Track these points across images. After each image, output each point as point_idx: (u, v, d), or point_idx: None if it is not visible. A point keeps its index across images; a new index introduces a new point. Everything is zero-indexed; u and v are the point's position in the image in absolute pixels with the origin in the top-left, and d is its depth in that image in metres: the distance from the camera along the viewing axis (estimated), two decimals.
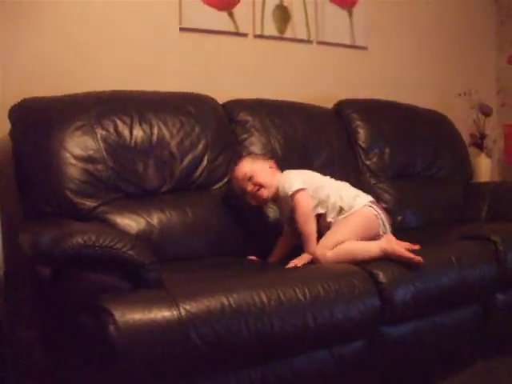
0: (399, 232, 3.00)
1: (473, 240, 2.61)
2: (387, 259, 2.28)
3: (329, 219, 2.46)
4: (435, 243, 2.62)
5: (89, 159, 2.40)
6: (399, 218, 3.14)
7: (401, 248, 2.29)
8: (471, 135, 4.01)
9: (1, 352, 2.31)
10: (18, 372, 2.36)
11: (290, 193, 2.47)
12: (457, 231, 2.86)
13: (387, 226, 2.49)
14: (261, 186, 2.54)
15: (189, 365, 1.74)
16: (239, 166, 2.61)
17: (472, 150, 3.92)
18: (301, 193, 2.47)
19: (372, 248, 2.32)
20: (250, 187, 2.54)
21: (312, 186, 2.51)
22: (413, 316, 2.27)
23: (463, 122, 3.85)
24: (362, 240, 2.38)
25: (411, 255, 2.26)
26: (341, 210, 2.44)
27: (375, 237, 2.42)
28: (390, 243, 2.30)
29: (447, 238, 2.75)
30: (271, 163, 2.65)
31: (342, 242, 2.34)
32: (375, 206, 2.49)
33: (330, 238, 2.38)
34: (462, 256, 2.44)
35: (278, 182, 2.55)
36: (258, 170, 2.57)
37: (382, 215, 2.48)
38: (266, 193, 2.55)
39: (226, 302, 1.81)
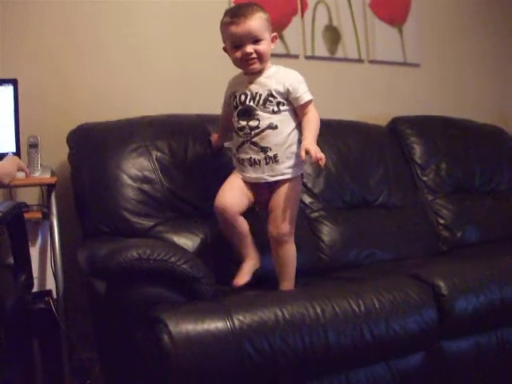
0: (460, 248, 3.00)
1: None
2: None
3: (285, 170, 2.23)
4: (498, 256, 2.55)
5: (144, 179, 2.45)
6: (459, 234, 3.07)
7: None
8: None
9: (60, 375, 2.36)
10: None
11: (307, 99, 2.24)
12: None
13: None
14: (260, 57, 2.22)
15: (243, 376, 1.73)
16: (252, 17, 2.19)
17: None
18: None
19: None
20: (249, 49, 2.19)
21: None
22: (474, 330, 2.20)
23: None
24: None
25: None
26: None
27: None
28: None
29: (510, 252, 2.67)
30: (275, 40, 2.29)
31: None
32: None
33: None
34: None
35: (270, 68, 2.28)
36: (267, 39, 2.23)
37: None
38: (258, 67, 2.24)
39: (279, 314, 1.81)
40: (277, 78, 2.26)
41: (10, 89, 2.49)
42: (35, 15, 2.74)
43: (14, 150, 2.48)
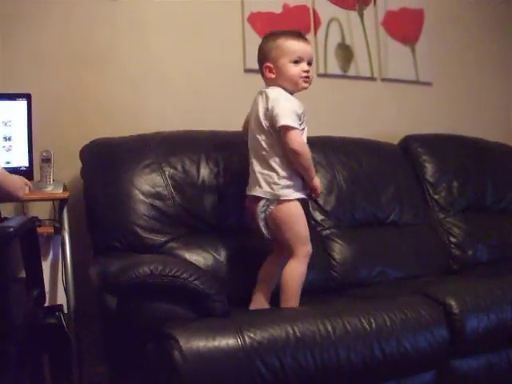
0: (471, 267, 2.99)
1: None
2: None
3: None
4: (510, 275, 2.53)
5: (157, 196, 2.45)
6: (470, 253, 3.05)
7: None
8: None
9: None
10: None
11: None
12: None
13: None
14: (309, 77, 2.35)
15: None
16: (309, 45, 2.36)
17: None
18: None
19: None
20: (308, 67, 2.32)
21: None
22: (485, 349, 2.19)
23: None
24: None
25: None
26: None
27: None
28: None
29: None
30: None
31: None
32: None
33: None
34: None
35: None
36: None
37: None
38: (308, 87, 2.37)
39: (290, 331, 1.82)
40: None
41: (23, 103, 2.51)
42: (49, 30, 2.77)
43: (27, 165, 2.50)
